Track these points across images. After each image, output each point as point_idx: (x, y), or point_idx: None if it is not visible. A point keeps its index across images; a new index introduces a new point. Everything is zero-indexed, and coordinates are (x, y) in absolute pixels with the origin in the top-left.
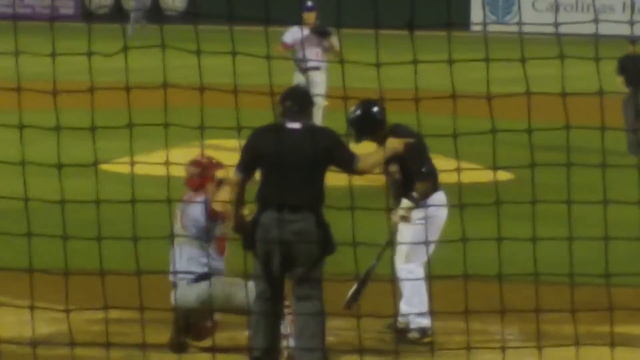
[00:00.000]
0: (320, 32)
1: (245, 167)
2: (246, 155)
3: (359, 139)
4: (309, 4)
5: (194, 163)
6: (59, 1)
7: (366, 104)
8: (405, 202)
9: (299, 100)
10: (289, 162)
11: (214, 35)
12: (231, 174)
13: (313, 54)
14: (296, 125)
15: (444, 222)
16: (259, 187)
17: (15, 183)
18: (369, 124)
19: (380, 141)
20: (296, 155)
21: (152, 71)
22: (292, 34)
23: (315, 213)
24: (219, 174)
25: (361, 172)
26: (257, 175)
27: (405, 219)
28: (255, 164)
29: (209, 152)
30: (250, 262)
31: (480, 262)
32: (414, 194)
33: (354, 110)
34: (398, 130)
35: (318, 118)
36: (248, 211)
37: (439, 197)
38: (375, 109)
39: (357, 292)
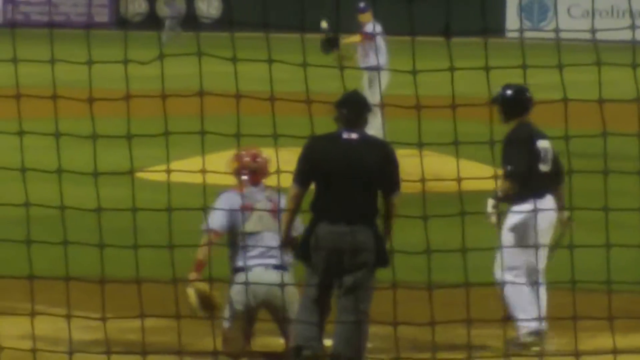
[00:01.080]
0: (326, 48)
1: (302, 178)
2: (303, 166)
3: (505, 119)
4: (362, 4)
5: (253, 156)
6: (94, 9)
7: (519, 87)
8: (489, 201)
9: (355, 107)
10: (346, 174)
11: (248, 42)
12: (290, 187)
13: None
14: (353, 135)
15: (546, 229)
16: (314, 198)
17: (50, 191)
18: (518, 106)
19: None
20: (352, 167)
21: (187, 78)
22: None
23: (371, 225)
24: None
25: (392, 206)
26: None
27: (491, 217)
28: (312, 175)
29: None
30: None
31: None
32: (498, 192)
33: (504, 90)
34: (522, 126)
35: (377, 125)
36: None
37: (541, 203)
38: (527, 94)
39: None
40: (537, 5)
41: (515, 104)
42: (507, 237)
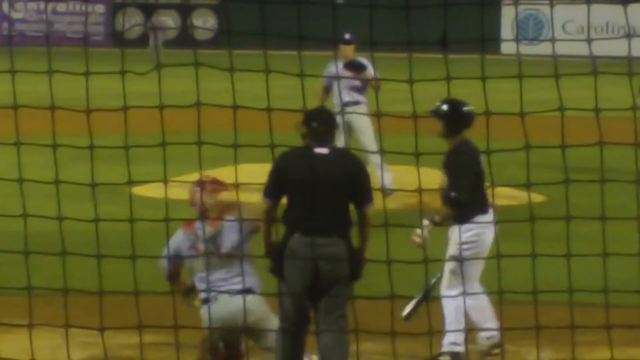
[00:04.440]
0: (355, 66)
1: (273, 192)
2: (273, 179)
3: (447, 134)
4: (347, 36)
5: (199, 185)
6: (89, 27)
7: (456, 102)
8: (424, 222)
9: (325, 121)
10: (317, 188)
11: (244, 60)
12: (259, 200)
13: (351, 90)
14: (324, 150)
15: (488, 245)
16: (286, 210)
17: (48, 208)
18: (456, 121)
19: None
20: (324, 180)
21: (184, 95)
22: (328, 72)
23: (345, 238)
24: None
25: (365, 218)
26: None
27: (421, 240)
28: (282, 189)
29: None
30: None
31: (513, 283)
32: (436, 217)
33: (441, 105)
34: (464, 145)
35: (388, 179)
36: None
37: (485, 218)
38: (465, 108)
39: (417, 306)
40: (532, 22)
41: (459, 118)
42: (459, 253)
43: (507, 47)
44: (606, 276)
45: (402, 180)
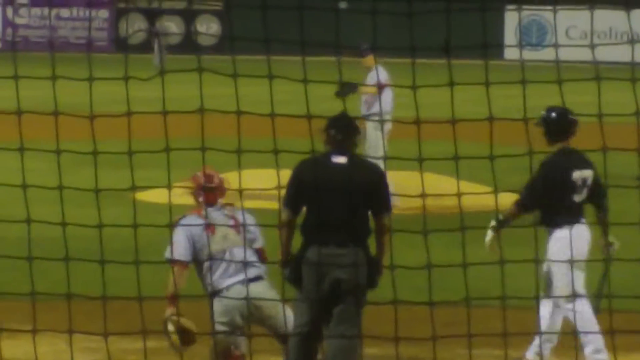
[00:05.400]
0: (344, 92)
1: (293, 202)
2: (292, 190)
3: (549, 141)
4: (364, 46)
5: (208, 178)
6: (93, 32)
7: (562, 109)
8: (491, 222)
9: (343, 128)
10: (335, 198)
11: (247, 65)
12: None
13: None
14: (341, 159)
15: (583, 255)
16: (304, 221)
17: (52, 213)
18: (561, 129)
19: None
20: (342, 190)
21: (188, 100)
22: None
23: (363, 247)
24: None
25: (383, 227)
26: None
27: (490, 239)
28: (302, 199)
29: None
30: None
31: (517, 288)
32: (500, 215)
33: (548, 112)
34: (557, 155)
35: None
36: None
37: (575, 231)
38: (570, 116)
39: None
40: (535, 27)
41: (558, 126)
42: (558, 269)
43: (511, 53)
44: (610, 281)
45: (405, 184)
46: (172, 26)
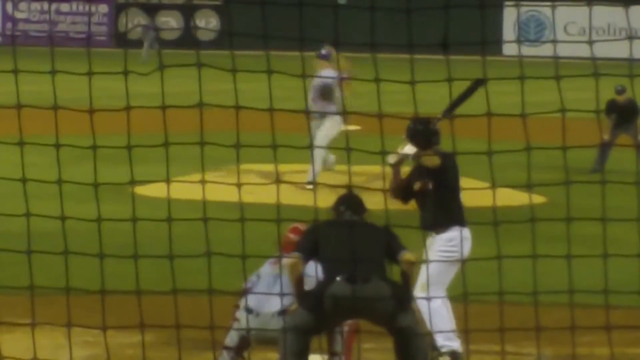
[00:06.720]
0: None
1: (306, 249)
2: (307, 238)
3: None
4: (324, 52)
5: (294, 231)
6: (92, 27)
7: (423, 120)
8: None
9: (353, 206)
10: (353, 243)
11: (246, 60)
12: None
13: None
14: (354, 218)
15: (465, 258)
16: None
17: (51, 208)
18: (422, 139)
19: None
20: (359, 236)
21: (186, 95)
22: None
23: (383, 276)
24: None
25: (406, 264)
26: None
27: (394, 160)
28: (316, 247)
29: (246, 177)
30: None
31: (514, 284)
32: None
33: (413, 123)
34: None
35: (317, 166)
36: None
37: (465, 233)
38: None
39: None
40: (533, 24)
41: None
42: (433, 263)
43: (509, 49)
44: (607, 277)
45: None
46: (172, 21)
